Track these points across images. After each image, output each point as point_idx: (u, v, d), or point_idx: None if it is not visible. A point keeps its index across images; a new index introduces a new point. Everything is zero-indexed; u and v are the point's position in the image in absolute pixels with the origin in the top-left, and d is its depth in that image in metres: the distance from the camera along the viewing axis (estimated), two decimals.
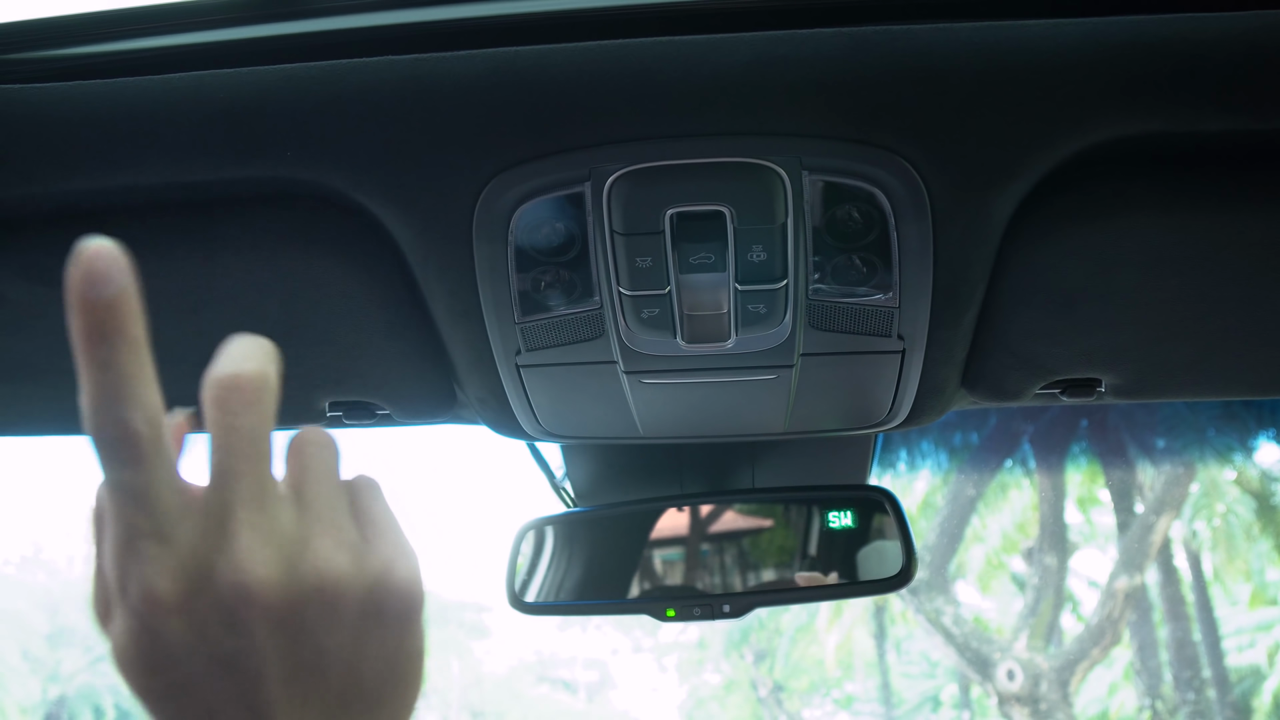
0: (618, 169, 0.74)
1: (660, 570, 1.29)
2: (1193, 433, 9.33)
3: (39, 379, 0.97)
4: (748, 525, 1.26)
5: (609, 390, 0.93)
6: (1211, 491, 11.85)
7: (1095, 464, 10.37)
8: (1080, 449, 10.00)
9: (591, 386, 0.93)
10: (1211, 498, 11.94)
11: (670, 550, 1.27)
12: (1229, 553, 12.31)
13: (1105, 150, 0.74)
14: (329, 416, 1.03)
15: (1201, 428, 9.19)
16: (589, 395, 0.95)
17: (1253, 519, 11.94)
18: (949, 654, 10.73)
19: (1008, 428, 9.25)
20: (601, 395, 0.94)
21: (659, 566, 1.29)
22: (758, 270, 0.78)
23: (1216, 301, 0.87)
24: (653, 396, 0.94)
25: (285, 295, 0.88)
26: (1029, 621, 10.61)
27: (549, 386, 0.94)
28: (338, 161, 0.76)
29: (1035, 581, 11.01)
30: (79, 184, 0.79)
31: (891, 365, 0.91)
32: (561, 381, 0.93)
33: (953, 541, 11.09)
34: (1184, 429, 9.23)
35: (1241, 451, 10.05)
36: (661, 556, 1.28)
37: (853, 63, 0.71)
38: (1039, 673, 10.10)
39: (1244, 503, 11.90)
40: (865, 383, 0.93)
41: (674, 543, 1.27)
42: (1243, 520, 12.01)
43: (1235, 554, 12.33)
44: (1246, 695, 13.24)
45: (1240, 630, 13.58)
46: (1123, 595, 10.18)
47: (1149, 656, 12.36)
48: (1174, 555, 12.28)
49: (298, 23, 0.79)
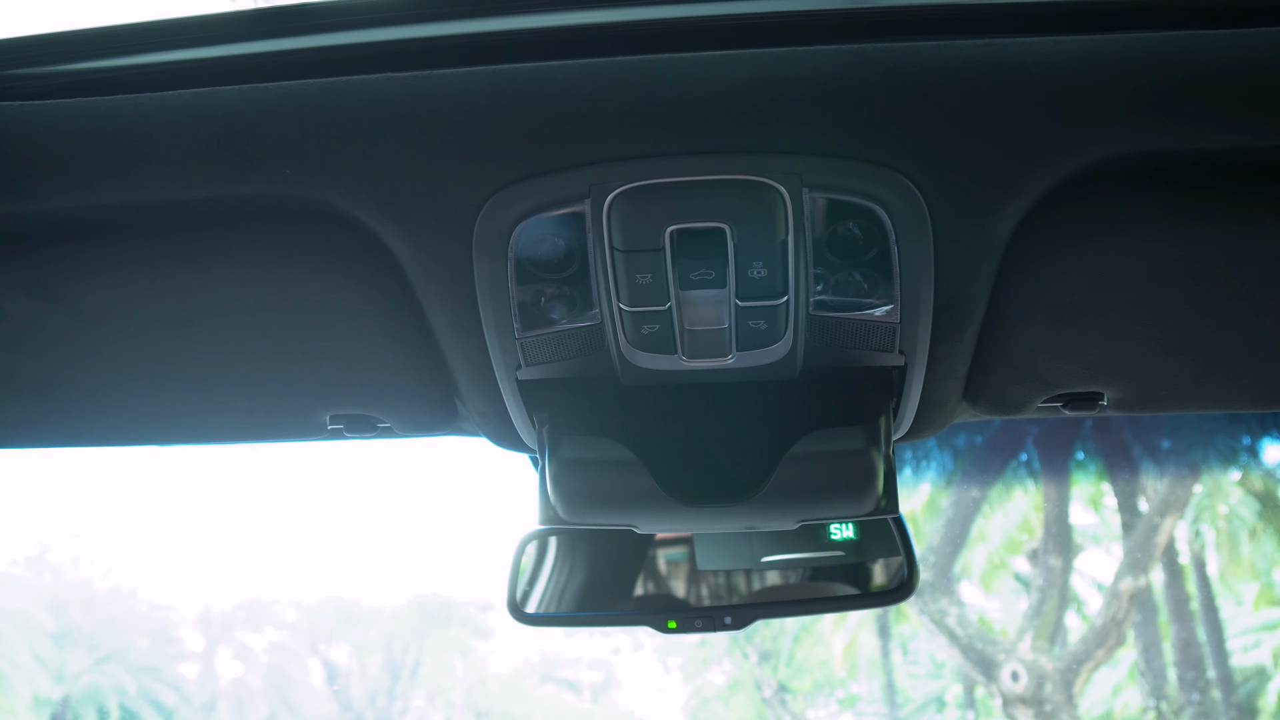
0: (618, 186, 0.74)
1: (663, 575, 1.28)
2: (1198, 434, 9.33)
3: (41, 393, 0.97)
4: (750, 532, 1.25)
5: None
6: (1215, 492, 11.83)
7: (1100, 465, 10.36)
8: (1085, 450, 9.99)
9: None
10: (1215, 498, 11.92)
11: (673, 550, 1.27)
12: (1233, 553, 12.29)
13: (1107, 166, 0.74)
14: (330, 429, 1.03)
15: (1206, 429, 9.19)
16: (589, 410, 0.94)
17: (1256, 520, 11.91)
18: (954, 655, 10.72)
19: (1012, 429, 9.25)
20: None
21: (662, 572, 1.28)
22: (758, 286, 0.78)
23: (1218, 316, 0.87)
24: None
25: (285, 310, 0.88)
26: (1033, 622, 10.59)
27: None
28: (337, 178, 0.76)
29: (1040, 582, 11.00)
30: (79, 199, 0.79)
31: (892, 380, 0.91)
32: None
33: (957, 542, 11.09)
34: (1189, 430, 9.23)
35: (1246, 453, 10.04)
36: (665, 556, 1.27)
37: (854, 80, 0.71)
38: (1043, 674, 10.09)
39: (1247, 504, 11.88)
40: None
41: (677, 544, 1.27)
42: (1246, 521, 11.99)
43: (1239, 555, 12.31)
44: (1251, 695, 13.22)
45: (1245, 631, 13.56)
46: (1127, 596, 10.17)
47: (1154, 657, 12.35)
48: (1179, 556, 12.26)
49: (297, 39, 0.79)
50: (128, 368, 0.95)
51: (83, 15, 2.77)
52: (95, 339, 0.91)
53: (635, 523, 0.92)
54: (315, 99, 0.74)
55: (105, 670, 17.59)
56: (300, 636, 20.92)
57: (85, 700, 17.21)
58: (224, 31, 0.81)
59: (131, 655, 18.48)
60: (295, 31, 0.79)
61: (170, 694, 18.53)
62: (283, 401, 1.01)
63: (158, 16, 0.82)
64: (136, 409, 1.02)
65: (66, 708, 17.04)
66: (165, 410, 1.02)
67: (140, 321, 0.89)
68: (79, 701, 17.20)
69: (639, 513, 0.90)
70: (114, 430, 1.06)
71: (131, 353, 0.93)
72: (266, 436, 1.06)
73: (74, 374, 0.95)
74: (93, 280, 0.85)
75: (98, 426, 1.05)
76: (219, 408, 1.02)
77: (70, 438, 1.07)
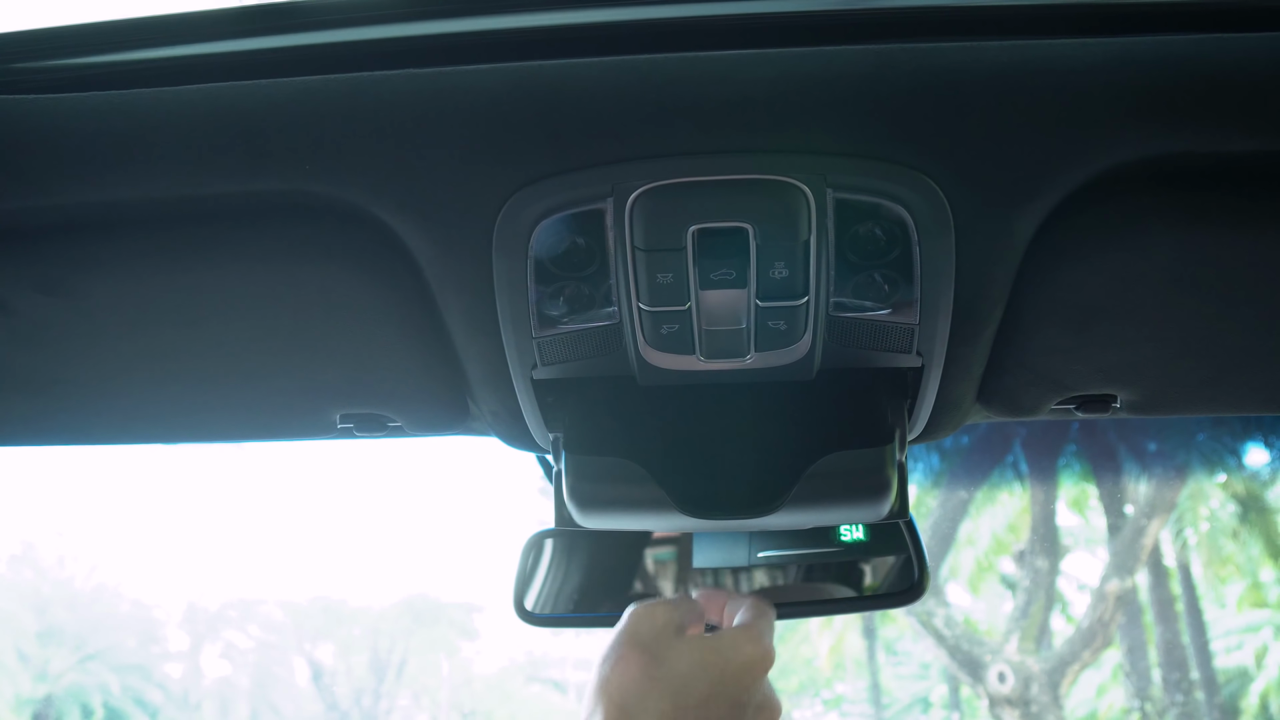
0: (641, 185, 0.73)
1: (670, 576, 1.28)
2: (1183, 436, 9.38)
3: (46, 389, 0.96)
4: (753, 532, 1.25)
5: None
6: (1198, 495, 11.91)
7: (1086, 467, 10.41)
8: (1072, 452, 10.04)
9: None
10: (1198, 501, 12.01)
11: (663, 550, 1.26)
12: (1216, 555, 12.37)
13: (1129, 169, 0.74)
14: (340, 428, 1.02)
15: (1191, 432, 9.24)
16: (604, 409, 0.94)
17: (1238, 522, 12.00)
18: (940, 656, 10.76)
19: (1000, 430, 9.27)
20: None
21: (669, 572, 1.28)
22: (779, 287, 0.77)
23: (1234, 319, 0.87)
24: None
25: (297, 308, 0.87)
26: (1020, 624, 10.64)
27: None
28: (357, 175, 0.75)
29: (1026, 584, 11.05)
30: (89, 195, 0.78)
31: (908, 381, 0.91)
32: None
33: (944, 544, 11.13)
34: (1174, 433, 9.28)
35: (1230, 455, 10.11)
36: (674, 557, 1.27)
37: (879, 81, 0.70)
38: (1030, 675, 10.13)
39: (1229, 506, 11.97)
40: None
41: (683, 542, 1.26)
42: (1228, 524, 12.08)
43: (1222, 557, 12.40)
44: (1234, 697, 13.33)
45: (1229, 632, 13.67)
46: (1114, 598, 10.22)
47: (1138, 658, 12.43)
48: (1164, 558, 12.34)
49: (315, 34, 0.79)
50: (135, 364, 0.94)
51: (93, 9, 2.74)
52: (103, 335, 0.90)
53: (650, 529, 0.92)
54: (335, 94, 0.74)
55: (89, 669, 17.50)
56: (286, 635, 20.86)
57: (69, 699, 17.12)
58: (239, 26, 0.80)
59: (116, 654, 18.40)
60: (314, 26, 0.79)
61: (155, 693, 18.45)
62: (292, 400, 1.00)
63: (172, 11, 0.82)
64: (142, 406, 1.01)
65: (50, 706, 16.95)
66: (172, 408, 1.01)
67: (149, 317, 0.88)
68: (63, 700, 17.10)
69: (654, 523, 0.90)
70: (119, 428, 1.05)
71: (139, 349, 0.92)
72: (275, 435, 1.05)
73: (80, 370, 0.94)
74: (101, 275, 0.84)
75: (103, 424, 1.04)
76: (227, 406, 1.01)
77: (75, 435, 1.06)
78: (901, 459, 0.91)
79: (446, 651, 21.52)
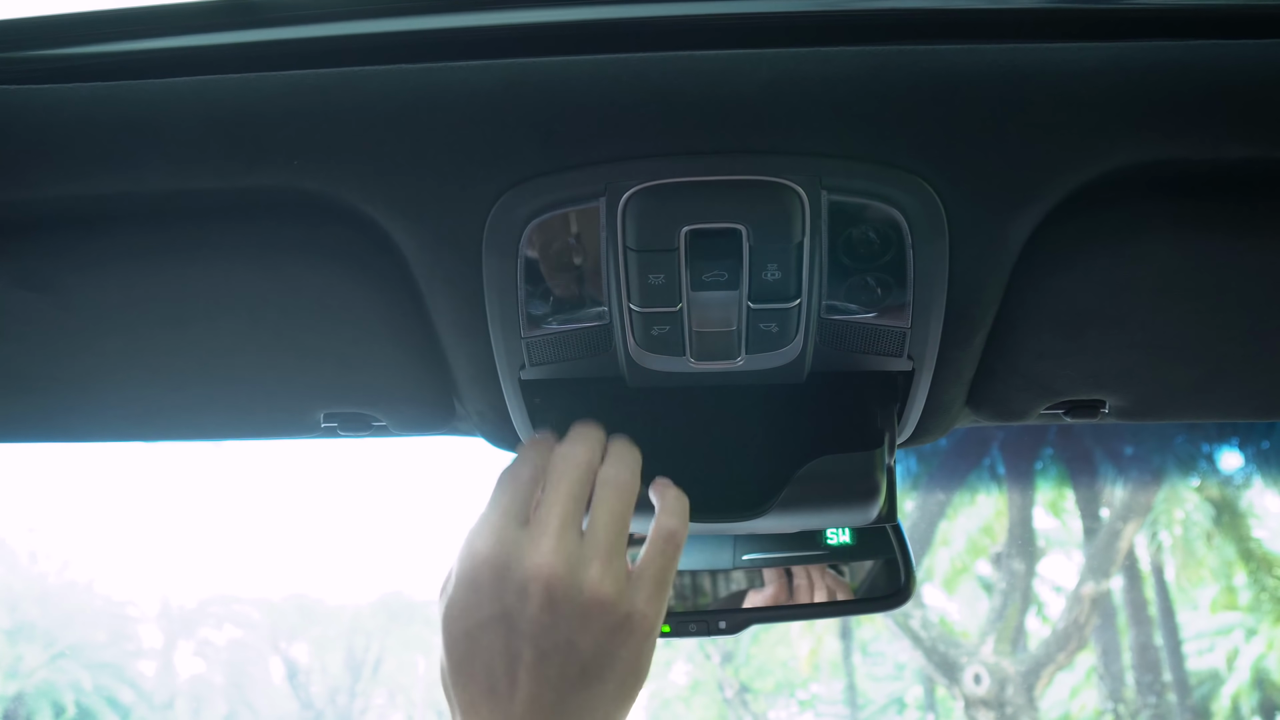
0: (634, 185, 0.73)
1: None
2: (1159, 441, 9.45)
3: (31, 386, 0.95)
4: None
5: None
6: (1172, 499, 12.01)
7: (1063, 471, 10.48)
8: (1049, 455, 10.10)
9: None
10: (1172, 505, 12.11)
11: None
12: (1189, 559, 12.48)
13: (1124, 175, 0.73)
14: (324, 427, 1.01)
15: (1167, 436, 9.31)
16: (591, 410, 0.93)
17: (1211, 526, 12.11)
18: (916, 657, 10.80)
19: (977, 433, 9.32)
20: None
21: None
22: (771, 289, 0.77)
23: (1225, 326, 0.87)
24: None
25: (283, 306, 0.86)
26: (996, 626, 10.70)
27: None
28: (347, 172, 0.74)
29: (1003, 586, 11.11)
30: (74, 189, 0.77)
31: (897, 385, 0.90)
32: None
33: (922, 545, 11.17)
34: (1150, 437, 9.35)
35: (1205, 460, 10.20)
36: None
37: (876, 83, 0.70)
38: (1006, 676, 10.19)
39: (1203, 510, 12.07)
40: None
41: None
42: (1201, 527, 12.19)
43: (1195, 560, 12.51)
44: (1206, 699, 13.44)
45: (1201, 635, 13.78)
46: (1089, 600, 10.30)
47: (1112, 661, 12.52)
48: (1139, 561, 12.44)
49: (307, 27, 0.78)
50: (119, 362, 0.93)
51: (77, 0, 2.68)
52: (87, 332, 0.89)
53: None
54: (326, 89, 0.73)
55: (61, 666, 17.31)
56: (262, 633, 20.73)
57: (40, 696, 16.93)
58: (230, 18, 0.79)
59: (88, 651, 18.21)
60: (306, 20, 0.78)
61: (128, 691, 18.28)
62: (277, 399, 0.99)
63: (160, 1, 0.80)
64: (126, 405, 1.00)
65: (20, 704, 16.76)
66: (156, 406, 1.00)
67: (134, 315, 0.87)
68: (34, 698, 16.92)
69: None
70: (103, 426, 1.03)
71: (124, 347, 0.91)
72: (258, 434, 1.04)
73: (64, 368, 0.93)
74: (87, 272, 0.83)
75: (87, 422, 1.03)
76: (212, 404, 1.00)
77: (58, 433, 1.04)
78: (891, 463, 0.91)
79: (422, 650, 21.44)
